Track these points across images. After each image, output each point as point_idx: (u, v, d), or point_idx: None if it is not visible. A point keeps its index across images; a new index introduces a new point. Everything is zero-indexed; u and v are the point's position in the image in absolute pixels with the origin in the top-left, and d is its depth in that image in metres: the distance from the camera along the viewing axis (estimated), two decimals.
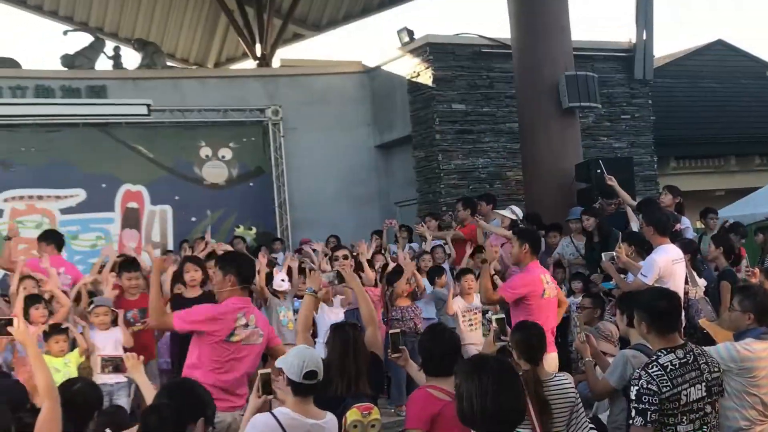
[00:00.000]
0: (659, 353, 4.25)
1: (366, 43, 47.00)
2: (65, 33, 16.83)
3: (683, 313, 6.01)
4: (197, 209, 14.42)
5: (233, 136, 14.94)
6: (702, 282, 8.20)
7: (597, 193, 11.27)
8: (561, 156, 12.42)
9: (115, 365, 5.59)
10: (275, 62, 18.37)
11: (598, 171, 11.11)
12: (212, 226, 14.21)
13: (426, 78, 14.32)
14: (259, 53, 18.49)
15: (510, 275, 8.69)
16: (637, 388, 4.14)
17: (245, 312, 5.66)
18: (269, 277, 8.80)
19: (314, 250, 10.18)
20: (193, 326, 5.60)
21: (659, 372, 4.13)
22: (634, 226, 9.78)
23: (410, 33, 14.77)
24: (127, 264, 8.37)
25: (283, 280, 8.47)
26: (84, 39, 15.62)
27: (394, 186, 15.82)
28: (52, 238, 9.41)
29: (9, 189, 13.12)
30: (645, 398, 4.09)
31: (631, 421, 4.17)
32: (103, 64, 15.32)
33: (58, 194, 13.38)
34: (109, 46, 15.79)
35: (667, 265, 7.25)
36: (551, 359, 6.34)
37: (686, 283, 7.69)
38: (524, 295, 6.79)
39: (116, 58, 15.59)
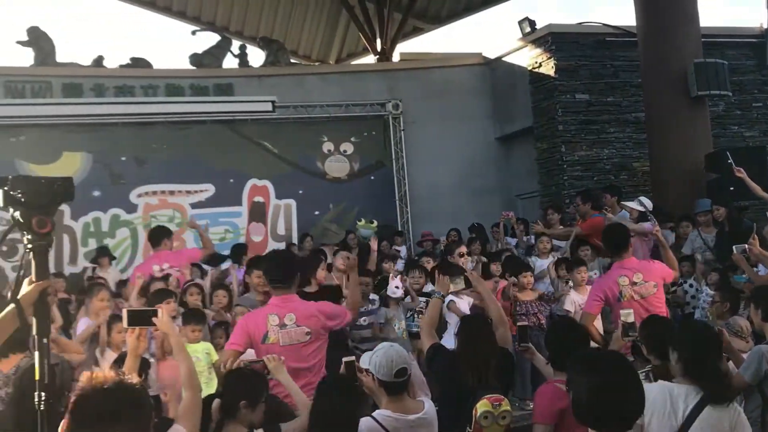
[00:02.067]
0: None
1: (486, 35, 46.69)
2: (193, 33, 17.31)
3: None
4: (320, 203, 14.67)
5: (354, 130, 15.12)
6: None
7: (728, 184, 10.89)
8: (690, 146, 12.05)
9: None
10: (395, 56, 18.48)
11: (728, 162, 10.73)
12: (335, 220, 14.51)
13: (548, 68, 14.13)
14: (379, 48, 18.64)
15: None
16: None
17: (279, 312, 5.58)
18: (384, 283, 8.84)
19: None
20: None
21: None
22: None
23: (532, 23, 14.61)
24: (256, 261, 8.54)
25: (397, 287, 8.45)
26: (211, 38, 16.01)
27: (515, 178, 15.69)
28: (150, 238, 9.51)
29: (142, 185, 13.64)
30: None
31: None
32: (230, 62, 15.71)
33: (188, 189, 13.82)
34: (235, 44, 16.15)
35: None
36: None
37: None
38: (604, 301, 6.64)
39: (242, 56, 15.90)
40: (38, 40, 14.20)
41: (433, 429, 4.44)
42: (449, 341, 5.88)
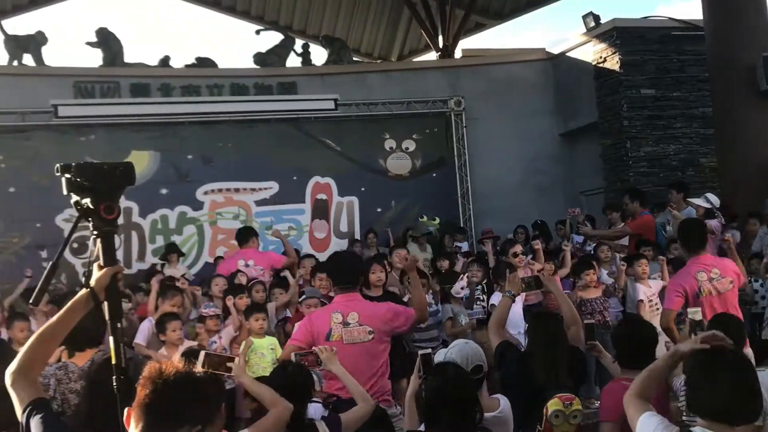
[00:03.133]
0: None
1: (549, 30, 46.19)
2: (257, 32, 17.47)
3: None
4: (382, 200, 14.72)
5: (416, 127, 15.14)
6: None
7: None
8: (758, 141, 11.80)
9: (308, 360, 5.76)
10: (457, 53, 18.41)
11: None
12: (397, 217, 14.53)
13: (613, 63, 13.96)
14: (441, 45, 18.59)
15: None
16: None
17: (342, 310, 5.56)
18: (450, 277, 8.86)
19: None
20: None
21: None
22: None
23: (596, 18, 14.45)
24: (321, 265, 8.60)
25: (462, 288, 8.51)
26: (274, 37, 16.16)
27: (579, 175, 15.52)
28: (237, 237, 10.15)
29: (208, 182, 13.85)
30: None
31: None
32: (293, 61, 15.84)
33: (253, 187, 13.99)
34: (298, 43, 16.27)
35: None
36: None
37: None
38: (684, 298, 6.44)
39: (305, 54, 16.01)
40: (107, 41, 14.50)
41: (508, 427, 4.39)
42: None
